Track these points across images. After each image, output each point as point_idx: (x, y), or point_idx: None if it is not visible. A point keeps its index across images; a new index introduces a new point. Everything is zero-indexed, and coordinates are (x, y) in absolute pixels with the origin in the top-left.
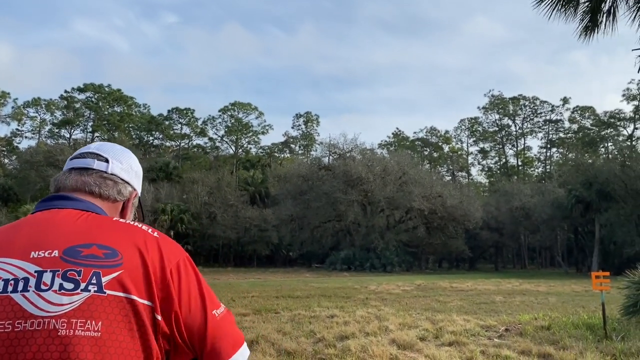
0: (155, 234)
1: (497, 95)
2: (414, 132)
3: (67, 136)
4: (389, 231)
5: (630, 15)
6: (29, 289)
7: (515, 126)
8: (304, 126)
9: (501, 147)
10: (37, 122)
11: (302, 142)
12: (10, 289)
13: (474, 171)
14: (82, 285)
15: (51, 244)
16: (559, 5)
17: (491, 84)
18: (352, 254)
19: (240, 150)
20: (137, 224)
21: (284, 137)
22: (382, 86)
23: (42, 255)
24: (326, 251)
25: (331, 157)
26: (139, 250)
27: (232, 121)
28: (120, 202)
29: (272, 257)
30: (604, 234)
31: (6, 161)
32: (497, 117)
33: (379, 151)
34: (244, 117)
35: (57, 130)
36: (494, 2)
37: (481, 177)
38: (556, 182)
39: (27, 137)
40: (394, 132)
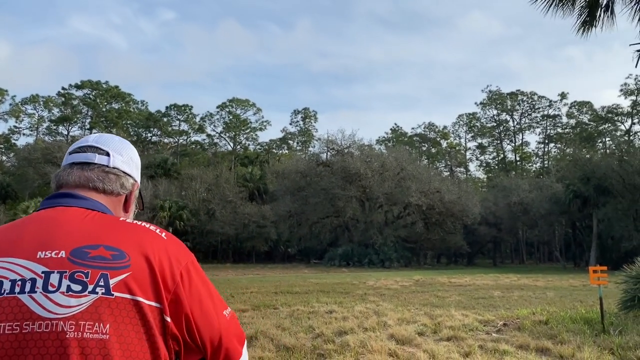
0: (163, 234)
1: (495, 90)
2: (412, 127)
3: (65, 133)
4: (387, 227)
5: (628, 10)
6: (36, 290)
7: (513, 121)
8: (302, 122)
9: (499, 142)
10: (35, 119)
11: (300, 138)
12: (17, 289)
13: (472, 166)
14: (90, 287)
15: (58, 244)
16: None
17: (489, 79)
18: (350, 249)
19: (238, 146)
20: (144, 224)
21: (282, 133)
22: (379, 82)
23: (49, 255)
24: (324, 247)
25: (329, 153)
26: (147, 252)
27: (230, 117)
28: (123, 195)
29: (270, 253)
30: (601, 228)
31: (4, 158)
32: (495, 112)
33: (377, 147)
34: (242, 114)
35: (54, 127)
36: None
37: (479, 173)
38: (554, 177)
39: (24, 134)
40: (392, 128)
